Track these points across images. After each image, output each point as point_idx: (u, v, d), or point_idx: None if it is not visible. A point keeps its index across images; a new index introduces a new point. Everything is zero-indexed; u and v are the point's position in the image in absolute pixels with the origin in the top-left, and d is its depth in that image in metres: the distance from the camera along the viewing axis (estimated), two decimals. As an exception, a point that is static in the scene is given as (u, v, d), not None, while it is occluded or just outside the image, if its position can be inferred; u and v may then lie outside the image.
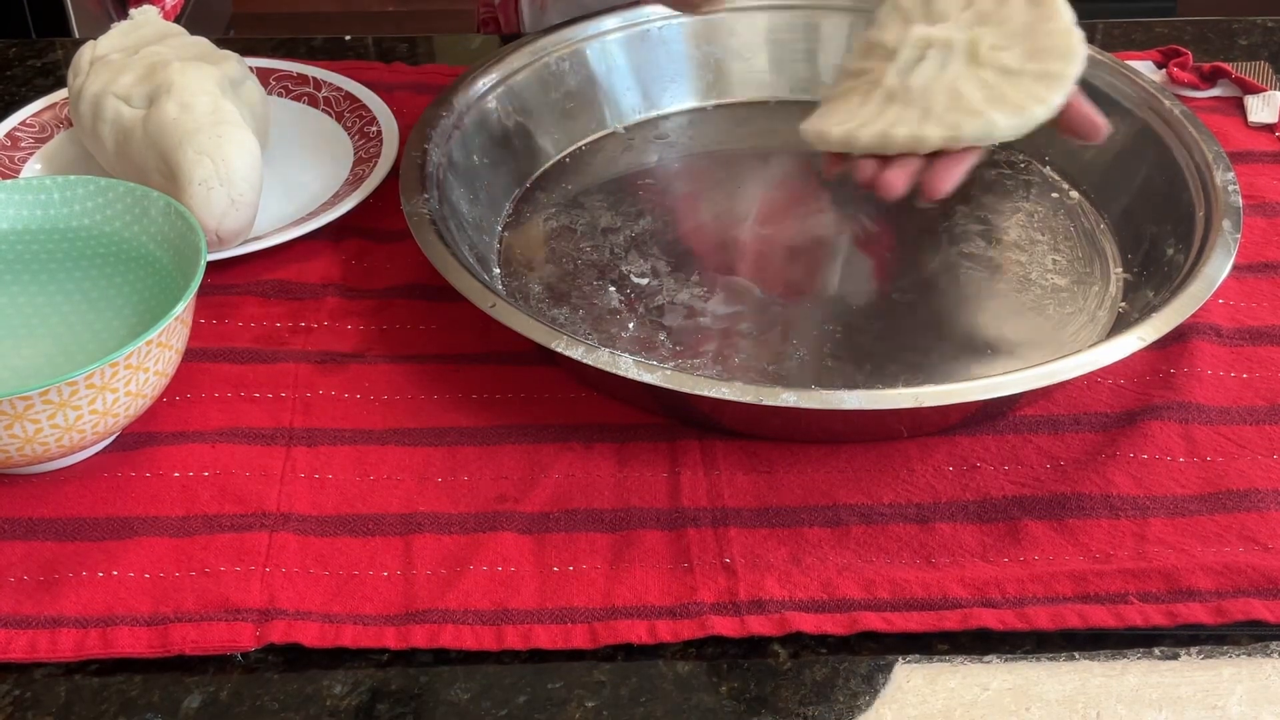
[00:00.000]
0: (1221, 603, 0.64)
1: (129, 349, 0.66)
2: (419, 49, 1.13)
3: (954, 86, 0.76)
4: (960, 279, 0.84)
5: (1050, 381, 0.69)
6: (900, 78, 0.77)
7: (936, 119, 0.75)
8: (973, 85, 0.75)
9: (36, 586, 0.65)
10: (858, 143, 0.76)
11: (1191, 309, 0.73)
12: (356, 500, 0.70)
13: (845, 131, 0.77)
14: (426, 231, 0.78)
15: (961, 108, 0.75)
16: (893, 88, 0.77)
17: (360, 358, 0.79)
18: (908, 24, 0.80)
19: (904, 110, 0.76)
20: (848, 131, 0.77)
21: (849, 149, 0.77)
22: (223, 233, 0.82)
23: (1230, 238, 0.77)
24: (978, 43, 0.77)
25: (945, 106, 0.75)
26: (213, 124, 0.82)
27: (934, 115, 0.75)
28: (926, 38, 0.78)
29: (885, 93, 0.78)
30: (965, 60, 0.77)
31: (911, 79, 0.77)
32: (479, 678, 0.62)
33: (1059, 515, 0.69)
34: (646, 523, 0.68)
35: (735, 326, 0.80)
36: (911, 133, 0.75)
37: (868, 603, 0.64)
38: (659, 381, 0.68)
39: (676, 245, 0.87)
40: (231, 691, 0.61)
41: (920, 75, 0.77)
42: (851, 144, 0.77)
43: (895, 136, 0.75)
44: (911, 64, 0.78)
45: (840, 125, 0.77)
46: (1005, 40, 0.77)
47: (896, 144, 0.75)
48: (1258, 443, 0.73)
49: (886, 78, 0.78)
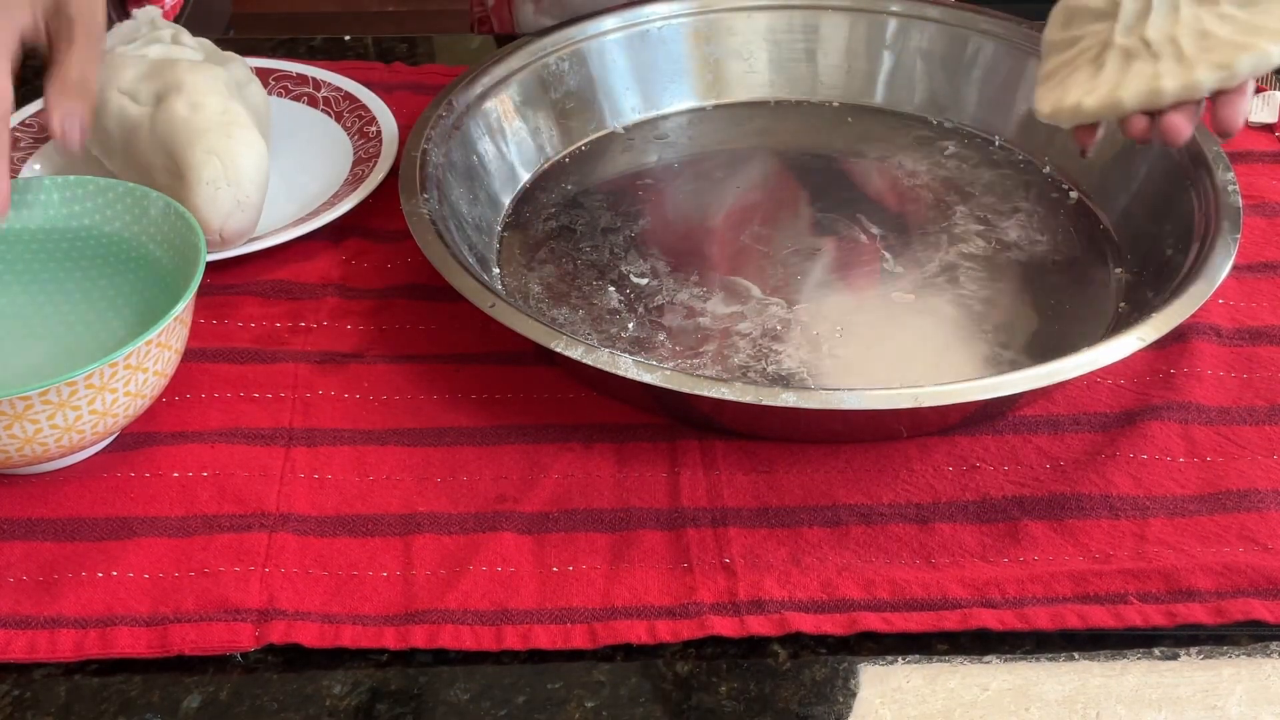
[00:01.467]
0: (1221, 603, 0.64)
1: (129, 349, 0.66)
2: (419, 49, 1.13)
3: (1198, 28, 0.72)
4: (960, 279, 0.84)
5: (1050, 381, 0.69)
6: (1130, 34, 0.74)
7: (1197, 61, 0.71)
8: (1218, 23, 0.72)
9: (36, 586, 0.65)
10: (1122, 106, 0.73)
11: (1191, 309, 0.73)
12: (356, 500, 0.70)
13: (1101, 98, 0.73)
14: (426, 231, 0.78)
15: (1220, 46, 0.71)
16: (1128, 46, 0.74)
17: (360, 358, 0.79)
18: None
19: (1153, 64, 0.72)
20: (1104, 97, 0.73)
21: (1111, 115, 0.74)
22: (226, 233, 0.82)
23: (1230, 238, 0.77)
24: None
25: (1199, 49, 0.71)
26: (223, 124, 0.82)
27: (1190, 58, 0.71)
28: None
29: (1121, 52, 0.74)
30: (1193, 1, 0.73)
31: (1147, 31, 0.73)
32: (478, 678, 0.62)
33: (1059, 515, 0.69)
34: (646, 523, 0.68)
35: (735, 326, 0.80)
36: (1182, 82, 0.71)
37: (867, 603, 0.64)
38: (659, 381, 0.68)
39: (676, 245, 0.87)
40: (231, 692, 0.61)
41: (1154, 26, 0.73)
42: (1116, 108, 0.73)
43: (1165, 89, 0.71)
44: (1137, 17, 0.74)
45: (1091, 95, 0.74)
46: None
47: (1168, 96, 0.72)
48: (1258, 443, 0.73)
49: (1115, 36, 0.74)
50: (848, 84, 1.01)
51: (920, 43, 1.00)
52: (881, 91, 1.01)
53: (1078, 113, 0.74)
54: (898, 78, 1.01)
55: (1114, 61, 0.74)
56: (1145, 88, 0.72)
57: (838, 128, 0.99)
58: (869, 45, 1.01)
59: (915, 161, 0.95)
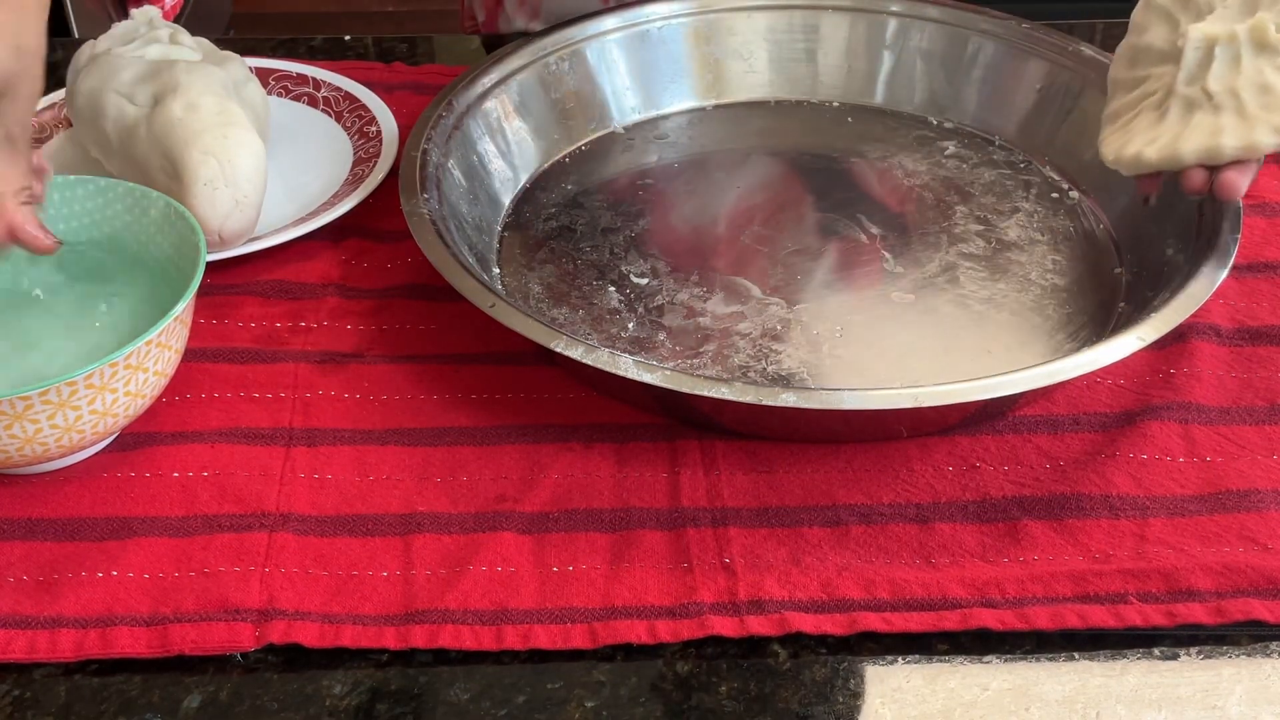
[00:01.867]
0: (1221, 603, 0.64)
1: (129, 349, 0.66)
2: (419, 49, 1.13)
3: (1260, 82, 0.72)
4: (960, 279, 0.84)
5: (1050, 381, 0.69)
6: (1193, 83, 0.74)
7: (1258, 120, 0.72)
8: (1278, 76, 0.72)
9: (36, 586, 0.65)
10: (1182, 160, 0.73)
11: (1191, 309, 0.73)
12: (356, 500, 0.70)
13: (1162, 150, 0.74)
14: (426, 231, 0.78)
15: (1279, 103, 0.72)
16: (1190, 96, 0.74)
17: (360, 358, 0.79)
18: (1172, 22, 0.77)
19: (1214, 117, 0.73)
20: (1165, 149, 0.74)
21: (1170, 167, 0.74)
22: (226, 233, 0.82)
23: (1230, 238, 0.77)
24: (1263, 28, 0.73)
25: (1260, 105, 0.72)
26: (219, 125, 0.82)
27: (1251, 116, 0.72)
28: (1207, 35, 0.74)
29: (1183, 102, 0.75)
30: (1255, 50, 0.73)
31: (1209, 82, 0.74)
32: (478, 678, 0.62)
33: (1059, 515, 0.69)
34: (646, 523, 0.68)
35: (735, 326, 0.80)
36: (1242, 143, 0.72)
37: (867, 603, 0.64)
38: (659, 381, 0.68)
39: (676, 245, 0.87)
40: (231, 691, 0.61)
41: (1216, 77, 0.74)
42: (1176, 162, 0.74)
43: (1224, 149, 0.72)
44: (1199, 66, 0.74)
45: (1152, 145, 0.75)
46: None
47: (1227, 154, 0.72)
48: (1258, 443, 0.73)
49: (1177, 85, 0.75)
50: (848, 84, 1.01)
51: (920, 43, 1.00)
52: (881, 91, 1.01)
53: (1139, 163, 0.75)
54: (898, 78, 1.01)
55: (1176, 111, 0.75)
56: (1206, 144, 0.73)
57: (838, 128, 0.99)
58: (869, 45, 1.01)
59: (915, 161, 0.95)
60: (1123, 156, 0.77)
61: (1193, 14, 0.77)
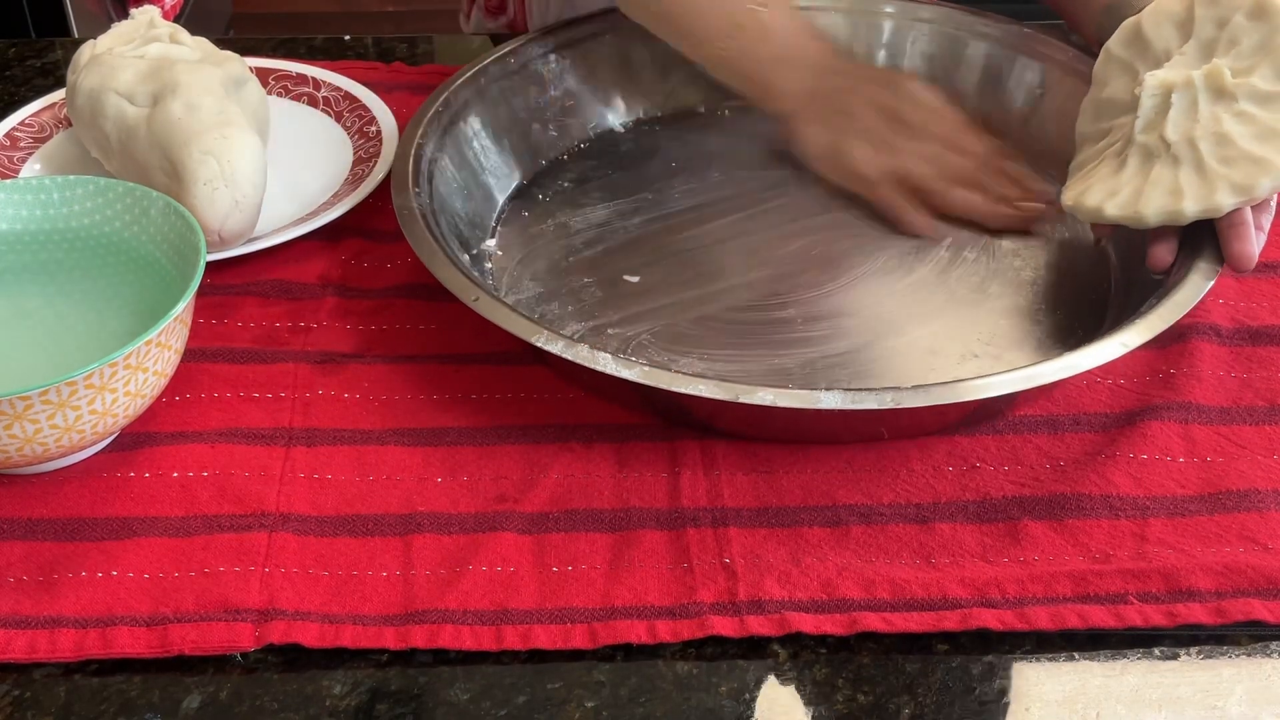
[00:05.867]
0: (1221, 603, 0.64)
1: (128, 349, 0.66)
2: (419, 49, 1.13)
3: (1217, 131, 0.72)
4: (960, 279, 0.84)
5: (1046, 381, 0.69)
6: (1150, 130, 0.74)
7: (1218, 179, 0.72)
8: (1236, 123, 0.72)
9: (36, 586, 0.65)
10: (1145, 221, 0.74)
11: (1186, 309, 0.73)
12: (356, 500, 0.70)
13: (1122, 207, 0.74)
14: (415, 225, 0.78)
15: (1239, 156, 0.71)
16: (1148, 144, 0.74)
17: (359, 358, 0.79)
18: (1131, 73, 0.77)
19: (1173, 171, 0.73)
20: (1125, 206, 0.74)
21: (1135, 225, 0.75)
22: (225, 233, 0.82)
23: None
24: (1219, 74, 0.73)
25: (1219, 158, 0.72)
26: (219, 125, 0.82)
27: (1211, 173, 0.72)
28: (1163, 82, 0.74)
29: (1141, 151, 0.74)
30: (1212, 96, 0.73)
31: (1166, 130, 0.73)
32: (478, 678, 0.62)
33: (1059, 515, 0.69)
34: (646, 523, 0.68)
35: (732, 325, 0.80)
36: (1203, 206, 0.72)
37: (867, 603, 0.64)
38: (636, 377, 0.68)
39: (673, 244, 0.87)
40: (231, 692, 0.61)
41: (1173, 125, 0.73)
42: (1138, 222, 0.74)
43: (1185, 213, 0.72)
44: (1156, 113, 0.74)
45: (1112, 199, 0.75)
46: (1245, 60, 0.73)
47: (1188, 218, 0.73)
48: (1257, 443, 0.73)
49: (1135, 133, 0.75)
50: (847, 84, 1.01)
51: (917, 45, 1.00)
52: (880, 92, 1.01)
53: (1099, 215, 0.76)
54: (897, 78, 1.00)
55: (1135, 160, 0.75)
56: (1167, 208, 0.73)
57: (837, 128, 0.99)
58: (867, 47, 1.01)
59: (915, 161, 0.95)
60: (1081, 205, 0.77)
61: (1150, 63, 0.77)
